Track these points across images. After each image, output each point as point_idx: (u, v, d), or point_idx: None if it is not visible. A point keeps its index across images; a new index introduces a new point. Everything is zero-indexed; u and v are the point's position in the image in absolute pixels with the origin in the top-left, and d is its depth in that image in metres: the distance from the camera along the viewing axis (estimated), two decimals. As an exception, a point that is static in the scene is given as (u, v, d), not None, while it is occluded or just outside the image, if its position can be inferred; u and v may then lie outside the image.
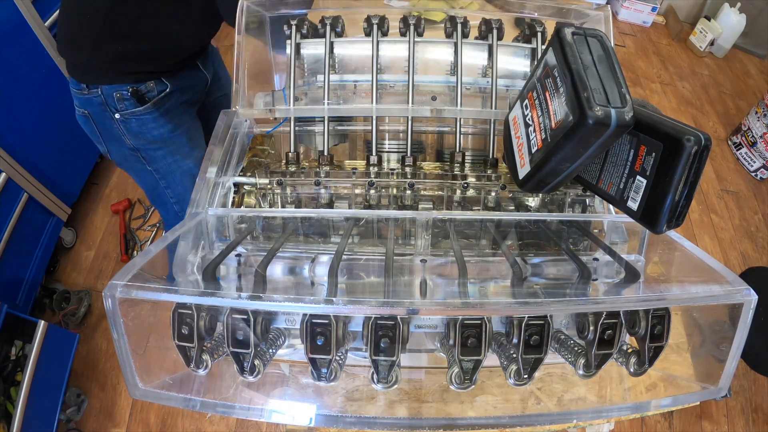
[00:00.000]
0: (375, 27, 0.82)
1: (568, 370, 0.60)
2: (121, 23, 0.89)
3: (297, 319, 0.58)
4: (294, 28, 0.84)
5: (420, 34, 0.85)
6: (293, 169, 0.80)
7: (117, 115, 0.96)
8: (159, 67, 0.99)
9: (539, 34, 0.86)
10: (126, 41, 0.91)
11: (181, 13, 0.93)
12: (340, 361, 0.55)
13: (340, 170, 0.82)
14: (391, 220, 0.74)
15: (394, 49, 0.87)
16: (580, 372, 0.57)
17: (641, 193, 0.57)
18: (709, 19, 2.94)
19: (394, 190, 0.81)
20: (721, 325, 0.56)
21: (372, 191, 0.80)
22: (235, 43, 0.86)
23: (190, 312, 0.53)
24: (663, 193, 0.54)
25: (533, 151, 0.63)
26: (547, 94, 0.59)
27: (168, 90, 1.00)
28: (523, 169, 0.67)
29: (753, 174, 2.45)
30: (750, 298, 0.52)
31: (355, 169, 0.82)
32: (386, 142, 0.91)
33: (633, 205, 0.59)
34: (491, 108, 0.84)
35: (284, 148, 0.89)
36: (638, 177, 0.57)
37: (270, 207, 0.81)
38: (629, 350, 0.59)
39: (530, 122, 0.64)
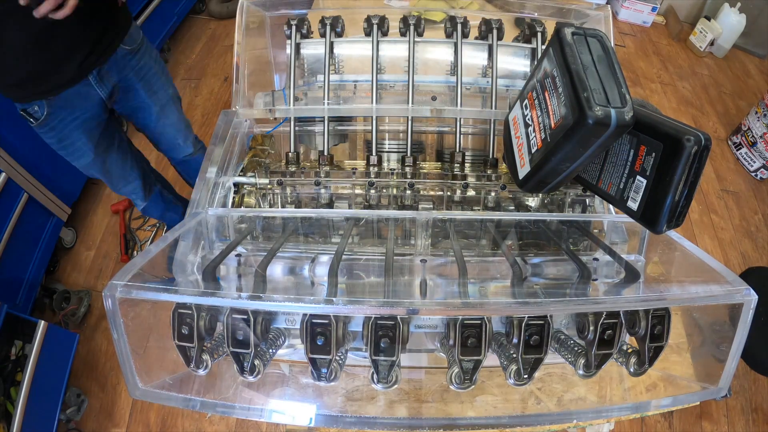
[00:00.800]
0: (375, 27, 0.82)
1: (568, 370, 0.60)
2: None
3: (297, 319, 0.58)
4: (294, 28, 0.84)
5: (420, 34, 0.85)
6: (293, 169, 0.80)
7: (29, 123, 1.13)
8: (36, 91, 1.07)
9: (539, 34, 0.86)
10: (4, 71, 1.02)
11: (16, 51, 0.99)
12: (340, 361, 0.55)
13: (340, 170, 0.82)
14: (391, 220, 0.74)
15: (394, 49, 0.87)
16: (580, 372, 0.57)
17: (641, 193, 0.57)
18: (709, 19, 2.94)
19: (394, 190, 0.81)
20: (721, 325, 0.56)
21: (372, 191, 0.80)
22: (235, 43, 0.86)
23: (190, 312, 0.53)
24: (663, 193, 0.54)
25: (533, 151, 0.63)
26: (546, 94, 0.59)
27: (48, 112, 1.10)
28: (523, 169, 0.67)
29: (753, 174, 2.45)
30: (750, 298, 0.52)
31: (355, 169, 0.82)
32: (386, 142, 0.91)
33: (633, 205, 0.59)
34: (491, 108, 0.84)
35: (284, 148, 0.89)
36: (638, 177, 0.57)
37: (270, 207, 0.81)
38: (629, 350, 0.59)
39: (530, 122, 0.64)
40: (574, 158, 0.58)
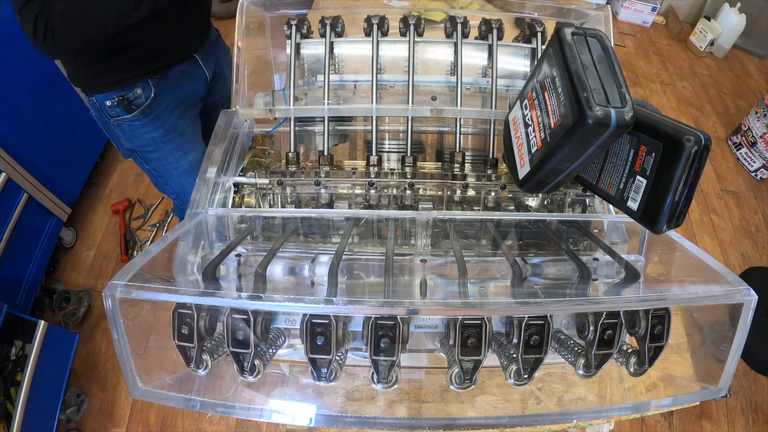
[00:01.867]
0: (375, 27, 0.82)
1: (568, 370, 0.60)
2: (89, 33, 0.83)
3: (297, 319, 0.58)
4: (294, 28, 0.84)
5: (420, 34, 0.85)
6: (293, 169, 0.80)
7: (112, 121, 0.97)
8: (143, 70, 0.94)
9: (539, 34, 0.86)
10: (98, 51, 0.88)
11: (149, 15, 0.85)
12: (340, 361, 0.55)
13: (340, 170, 0.82)
14: (391, 220, 0.74)
15: (394, 49, 0.87)
16: (580, 372, 0.57)
17: (641, 193, 0.57)
18: (709, 19, 2.94)
19: (394, 190, 0.81)
20: (721, 325, 0.56)
21: (372, 191, 0.80)
22: (235, 43, 0.86)
23: (190, 312, 0.53)
24: (663, 193, 0.54)
25: (533, 151, 0.63)
26: (546, 94, 0.59)
27: (155, 95, 0.97)
28: (523, 169, 0.67)
29: (753, 174, 2.45)
30: (750, 298, 0.52)
31: (355, 169, 0.82)
32: (386, 142, 0.91)
33: (633, 205, 0.59)
34: (491, 108, 0.84)
35: (284, 148, 0.89)
36: (638, 177, 0.57)
37: (270, 207, 0.81)
38: (629, 350, 0.59)
39: (530, 122, 0.64)
40: (574, 158, 0.58)
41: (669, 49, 3.06)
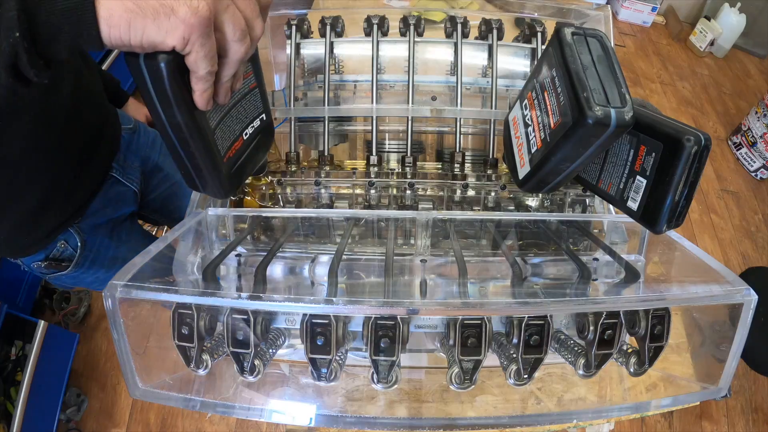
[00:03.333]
0: (375, 27, 0.82)
1: (568, 370, 0.60)
2: None
3: (297, 319, 0.58)
4: (294, 28, 0.84)
5: (420, 34, 0.85)
6: (293, 169, 0.80)
7: (48, 277, 0.86)
8: (56, 222, 0.78)
9: (539, 34, 0.86)
10: (3, 216, 0.70)
11: (45, 146, 0.68)
12: (340, 361, 0.55)
13: (340, 170, 0.82)
14: (391, 220, 0.74)
15: (394, 49, 0.87)
16: (580, 372, 0.57)
17: (641, 193, 0.57)
18: (709, 19, 2.94)
19: (394, 190, 0.81)
20: (721, 325, 0.56)
21: (372, 191, 0.80)
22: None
23: (190, 312, 0.53)
24: (663, 193, 0.54)
25: (533, 151, 0.63)
26: (546, 95, 0.59)
27: (81, 241, 0.82)
28: (523, 169, 0.67)
29: (753, 174, 2.45)
30: (750, 298, 0.52)
31: (355, 169, 0.82)
32: (386, 142, 0.91)
33: (633, 205, 0.59)
34: (491, 108, 0.84)
35: (284, 148, 0.89)
36: (638, 177, 0.57)
37: (270, 207, 0.81)
38: (629, 350, 0.59)
39: (529, 122, 0.64)
40: (574, 158, 0.58)
41: (669, 49, 3.06)
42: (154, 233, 1.98)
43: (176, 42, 0.40)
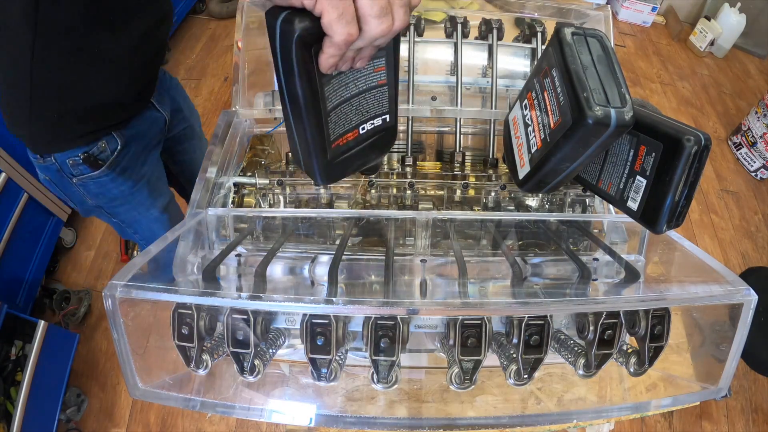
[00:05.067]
0: (375, 27, 0.82)
1: (568, 370, 0.60)
2: (47, 88, 0.78)
3: (297, 319, 0.58)
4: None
5: (420, 34, 0.85)
6: (293, 169, 0.80)
7: (75, 180, 0.90)
8: (105, 124, 0.87)
9: (539, 34, 0.86)
10: (59, 106, 0.81)
11: (110, 66, 0.80)
12: (340, 361, 0.55)
13: (340, 170, 0.82)
14: (392, 220, 0.74)
15: (394, 49, 0.87)
16: (580, 372, 0.57)
17: (641, 193, 0.57)
18: (709, 19, 2.94)
19: (394, 190, 0.81)
20: (721, 325, 0.56)
21: (372, 191, 0.80)
22: (234, 43, 0.86)
23: (190, 312, 0.53)
24: (663, 193, 0.54)
25: (533, 151, 0.63)
26: (546, 95, 0.59)
27: (121, 146, 0.90)
28: (523, 169, 0.67)
29: (753, 174, 2.45)
30: (750, 298, 0.52)
31: (355, 169, 0.82)
32: (386, 142, 0.91)
33: (633, 205, 0.59)
34: (491, 108, 0.84)
35: (284, 148, 0.89)
36: (638, 177, 0.57)
37: (270, 207, 0.81)
38: (629, 350, 0.59)
39: (529, 122, 0.64)
40: (574, 158, 0.58)
41: (669, 49, 3.06)
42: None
43: (305, 0, 0.39)
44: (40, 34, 0.70)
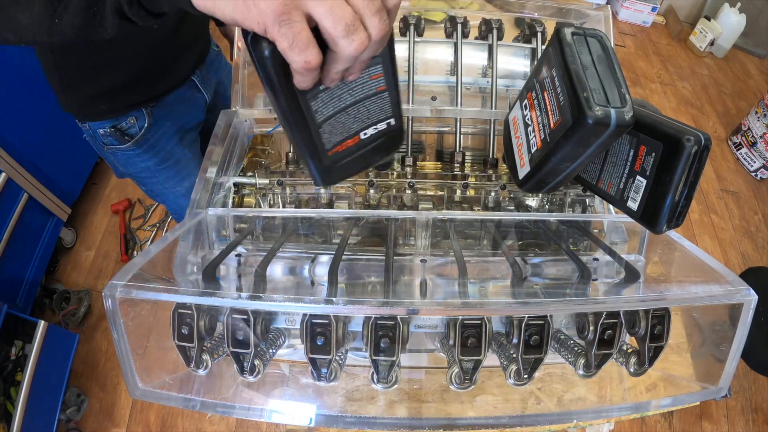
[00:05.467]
0: (375, 27, 0.82)
1: (568, 370, 0.60)
2: (70, 71, 0.82)
3: (297, 319, 0.58)
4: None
5: (420, 34, 0.85)
6: (293, 169, 0.80)
7: (105, 148, 0.94)
8: (138, 99, 0.89)
9: (539, 34, 0.86)
10: (84, 86, 0.84)
11: (146, 38, 0.82)
12: (340, 361, 0.55)
13: (340, 170, 0.81)
14: (392, 220, 0.74)
15: (394, 49, 0.87)
16: (580, 372, 0.57)
17: (641, 193, 0.57)
18: (709, 19, 2.94)
19: (395, 190, 0.81)
20: (721, 325, 0.56)
21: (372, 191, 0.80)
22: (235, 43, 0.86)
23: (190, 312, 0.53)
24: (663, 193, 0.54)
25: (533, 151, 0.63)
26: (546, 95, 0.59)
27: (149, 124, 0.91)
28: (523, 169, 0.67)
29: (753, 174, 2.45)
30: (750, 298, 0.52)
31: (355, 169, 0.82)
32: (386, 142, 0.91)
33: (633, 205, 0.59)
34: (491, 108, 0.84)
35: (284, 148, 0.89)
36: (638, 177, 0.57)
37: (270, 207, 0.81)
38: (629, 350, 0.59)
39: (529, 122, 0.64)
40: (574, 158, 0.58)
41: (669, 49, 3.06)
42: (154, 234, 1.98)
43: (254, 27, 0.38)
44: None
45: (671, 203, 0.54)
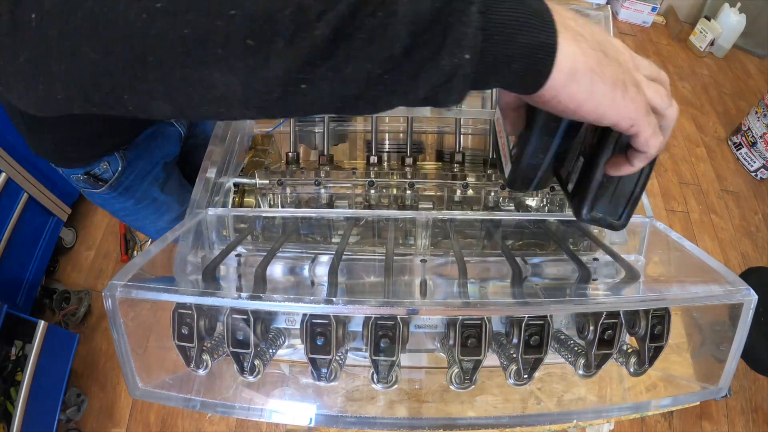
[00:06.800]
0: (375, 27, 0.82)
1: (568, 370, 0.60)
2: (36, 125, 0.78)
3: (297, 319, 0.58)
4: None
5: (420, 34, 0.85)
6: (293, 169, 0.80)
7: (81, 190, 0.91)
8: (109, 146, 0.85)
9: (539, 34, 0.86)
10: (52, 138, 0.80)
11: None
12: (340, 361, 0.55)
13: (340, 170, 0.82)
14: (392, 220, 0.74)
15: (394, 49, 0.87)
16: (580, 372, 0.57)
17: (578, 174, 0.56)
18: (709, 19, 2.94)
19: (394, 190, 0.81)
20: (721, 325, 0.56)
21: (372, 191, 0.80)
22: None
23: (190, 312, 0.53)
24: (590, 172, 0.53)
25: (511, 147, 0.63)
26: None
27: (122, 168, 0.87)
28: (507, 168, 0.66)
29: (753, 174, 2.45)
30: (750, 298, 0.52)
31: (355, 169, 0.82)
32: (386, 142, 0.91)
33: (570, 187, 0.58)
34: (491, 108, 0.84)
35: (284, 148, 0.89)
36: (581, 158, 0.56)
37: (270, 207, 0.81)
38: (629, 350, 0.59)
39: None
40: (545, 148, 0.57)
41: (669, 49, 3.06)
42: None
43: (622, 122, 0.38)
44: None
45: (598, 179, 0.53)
